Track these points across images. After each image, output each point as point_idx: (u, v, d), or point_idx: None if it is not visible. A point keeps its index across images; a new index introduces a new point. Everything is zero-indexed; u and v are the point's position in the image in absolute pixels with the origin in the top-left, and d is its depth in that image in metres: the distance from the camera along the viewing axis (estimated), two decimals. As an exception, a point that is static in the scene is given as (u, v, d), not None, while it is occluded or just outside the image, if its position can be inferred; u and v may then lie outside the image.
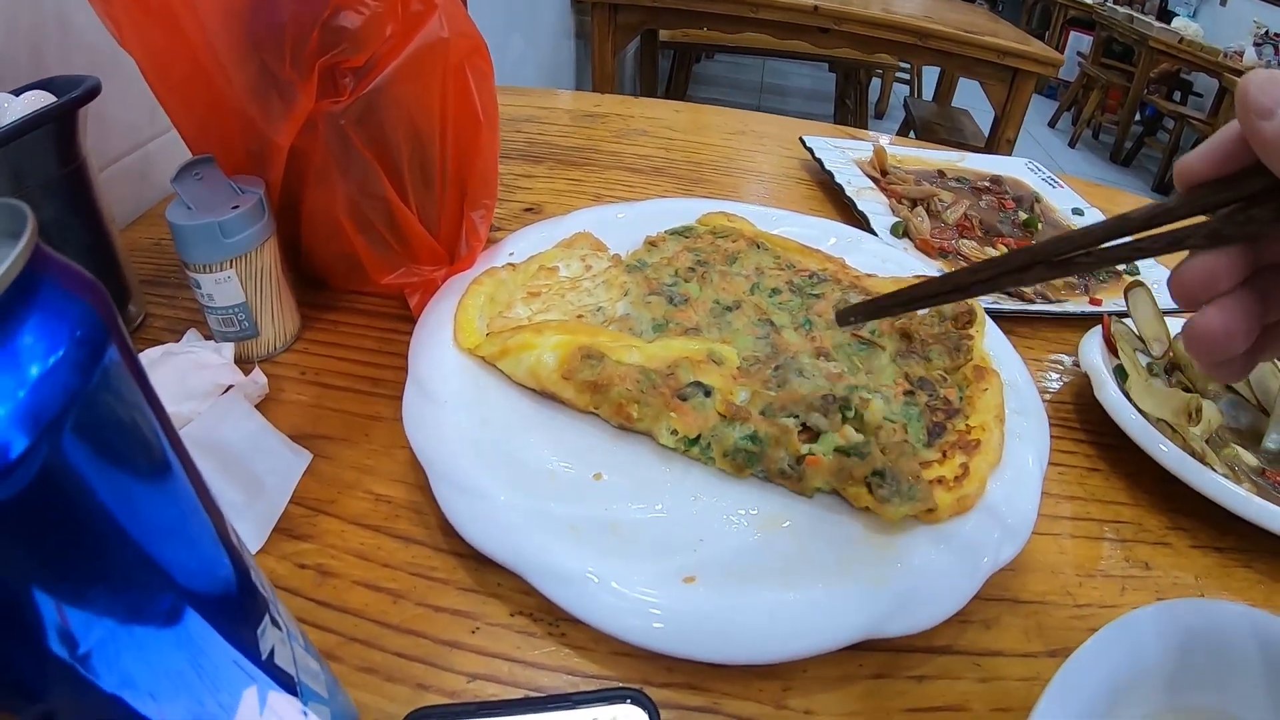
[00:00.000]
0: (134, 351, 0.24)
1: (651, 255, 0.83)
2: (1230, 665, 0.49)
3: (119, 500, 0.23)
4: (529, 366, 0.65)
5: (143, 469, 0.25)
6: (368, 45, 0.62)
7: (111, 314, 0.23)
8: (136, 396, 0.24)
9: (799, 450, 0.60)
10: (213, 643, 0.28)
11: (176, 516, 0.27)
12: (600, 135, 1.31)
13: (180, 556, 0.27)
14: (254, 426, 0.62)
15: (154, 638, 0.26)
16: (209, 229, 0.64)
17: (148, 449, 0.25)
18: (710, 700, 0.51)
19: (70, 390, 0.20)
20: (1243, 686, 0.48)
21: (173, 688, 0.27)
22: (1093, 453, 0.75)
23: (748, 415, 0.61)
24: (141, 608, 0.25)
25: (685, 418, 0.62)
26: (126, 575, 0.24)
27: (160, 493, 0.26)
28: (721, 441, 0.61)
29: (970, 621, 0.57)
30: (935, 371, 0.71)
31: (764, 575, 0.54)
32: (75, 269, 0.22)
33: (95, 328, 0.22)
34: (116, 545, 0.23)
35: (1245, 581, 0.65)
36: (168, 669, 0.26)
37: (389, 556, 0.57)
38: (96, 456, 0.22)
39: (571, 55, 3.32)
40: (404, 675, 0.50)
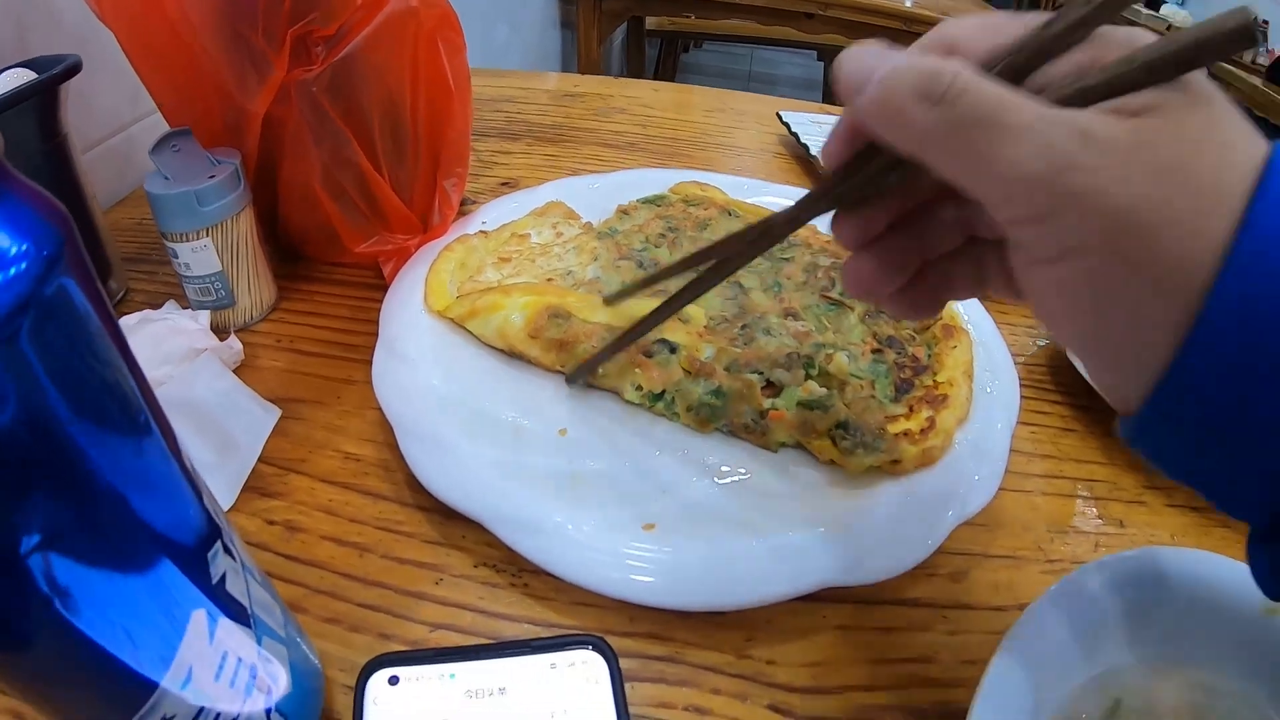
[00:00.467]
0: (97, 283, 0.25)
1: (623, 223, 0.83)
2: (1189, 611, 0.49)
3: (73, 417, 0.24)
4: (497, 326, 0.66)
5: (99, 391, 0.25)
6: (339, 14, 0.63)
7: (72, 233, 0.23)
8: (92, 318, 0.25)
9: (762, 405, 0.60)
10: (161, 563, 0.29)
11: (132, 439, 0.27)
12: (578, 113, 1.31)
13: (134, 477, 0.27)
14: (226, 385, 0.63)
15: (107, 557, 0.27)
16: (185, 198, 0.65)
17: (105, 373, 0.26)
18: (672, 649, 0.51)
19: (25, 297, 0.21)
20: (1204, 634, 0.48)
21: (123, 609, 0.28)
22: (1067, 413, 0.75)
23: (712, 371, 0.62)
24: (92, 524, 0.26)
25: (650, 373, 0.62)
26: (76, 490, 0.25)
27: (116, 415, 0.26)
28: (685, 397, 0.62)
29: (938, 574, 0.58)
30: (904, 331, 0.71)
31: (725, 524, 0.55)
32: (39, 190, 0.23)
33: (53, 244, 0.22)
34: (71, 462, 0.24)
35: (1222, 540, 0.65)
36: (117, 590, 0.27)
37: (357, 512, 0.58)
38: (52, 370, 0.22)
39: (558, 44, 3.32)
40: (368, 625, 0.51)
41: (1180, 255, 0.28)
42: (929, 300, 0.43)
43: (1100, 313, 0.31)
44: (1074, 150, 0.29)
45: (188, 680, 0.31)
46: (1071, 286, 0.31)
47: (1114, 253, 0.29)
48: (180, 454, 0.31)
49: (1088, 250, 0.30)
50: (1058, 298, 0.32)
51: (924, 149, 0.32)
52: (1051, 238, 0.30)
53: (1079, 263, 0.30)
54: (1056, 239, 0.30)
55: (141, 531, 0.28)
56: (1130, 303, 0.30)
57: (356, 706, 0.40)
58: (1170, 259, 0.28)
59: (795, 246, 0.80)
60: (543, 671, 0.42)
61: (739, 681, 0.50)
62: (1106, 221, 0.29)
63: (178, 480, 0.30)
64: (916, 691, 0.51)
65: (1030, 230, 0.31)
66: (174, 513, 0.30)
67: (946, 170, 0.32)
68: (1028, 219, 0.31)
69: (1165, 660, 0.48)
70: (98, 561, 0.26)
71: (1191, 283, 0.28)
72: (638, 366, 0.62)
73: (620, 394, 0.64)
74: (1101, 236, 0.29)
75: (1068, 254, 0.30)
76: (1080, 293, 0.31)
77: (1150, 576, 0.49)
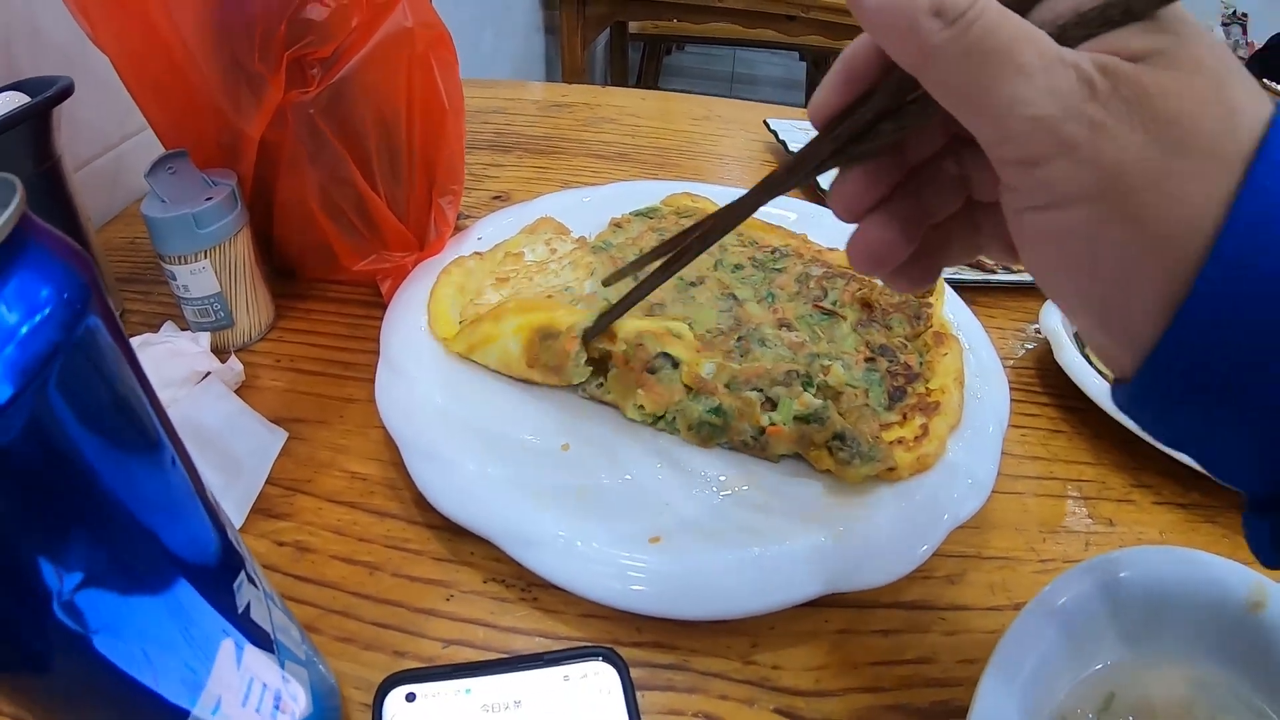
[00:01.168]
0: (117, 319, 0.26)
1: (616, 236, 0.84)
2: (1177, 608, 0.50)
3: (102, 456, 0.24)
4: (498, 357, 0.67)
5: (125, 428, 0.26)
6: (334, 36, 0.64)
7: (94, 279, 0.24)
8: (117, 355, 0.25)
9: (761, 422, 0.62)
10: (190, 595, 0.30)
11: (158, 474, 0.28)
12: (567, 124, 1.32)
13: (161, 512, 0.28)
14: (231, 408, 0.63)
15: (138, 591, 0.27)
16: (183, 220, 0.65)
17: (129, 408, 0.26)
18: (679, 658, 0.52)
19: (54, 345, 0.22)
20: (1193, 629, 0.50)
21: (154, 642, 0.28)
22: (1056, 415, 0.77)
23: (714, 389, 0.63)
24: (123, 559, 0.27)
25: (652, 393, 0.63)
26: (108, 528, 0.26)
27: (142, 451, 0.27)
28: (686, 416, 0.63)
29: (934, 577, 0.59)
30: (896, 339, 0.72)
31: (729, 535, 0.56)
32: (60, 236, 0.24)
33: (78, 290, 0.23)
34: (101, 501, 0.25)
35: (1210, 536, 0.66)
36: (149, 623, 0.28)
37: (365, 531, 0.58)
38: (81, 412, 0.23)
39: (542, 49, 3.32)
40: (381, 643, 0.51)
41: (1178, 216, 0.28)
42: (927, 268, 0.42)
43: (1092, 268, 0.30)
44: (1079, 99, 0.28)
45: (217, 708, 0.32)
46: (1061, 237, 0.30)
47: (1108, 206, 0.29)
48: (203, 488, 0.32)
49: (1080, 200, 0.29)
50: (1048, 247, 0.32)
51: (926, 69, 0.31)
52: (1044, 184, 0.30)
53: (1071, 212, 0.30)
54: (1049, 186, 0.30)
55: (170, 565, 0.29)
56: (1123, 260, 0.29)
57: (375, 724, 0.41)
58: (1167, 218, 0.28)
59: (786, 257, 0.81)
60: (556, 684, 0.43)
61: (745, 687, 0.51)
62: (1102, 175, 0.28)
63: (201, 514, 0.31)
64: (917, 692, 0.52)
65: (1024, 174, 0.30)
66: (200, 545, 0.31)
67: (945, 97, 0.31)
68: (1022, 160, 0.30)
69: (1157, 656, 0.49)
70: (129, 596, 0.27)
71: (1188, 244, 0.28)
72: (640, 386, 0.63)
73: (622, 411, 0.65)
74: (1096, 188, 0.29)
75: (1060, 201, 0.30)
76: (1071, 245, 0.30)
77: (1138, 576, 0.50)
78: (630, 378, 0.64)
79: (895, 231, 0.39)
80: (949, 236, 0.41)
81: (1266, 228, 0.27)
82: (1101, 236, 0.29)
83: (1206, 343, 0.29)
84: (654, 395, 0.63)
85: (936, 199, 0.39)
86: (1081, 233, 0.30)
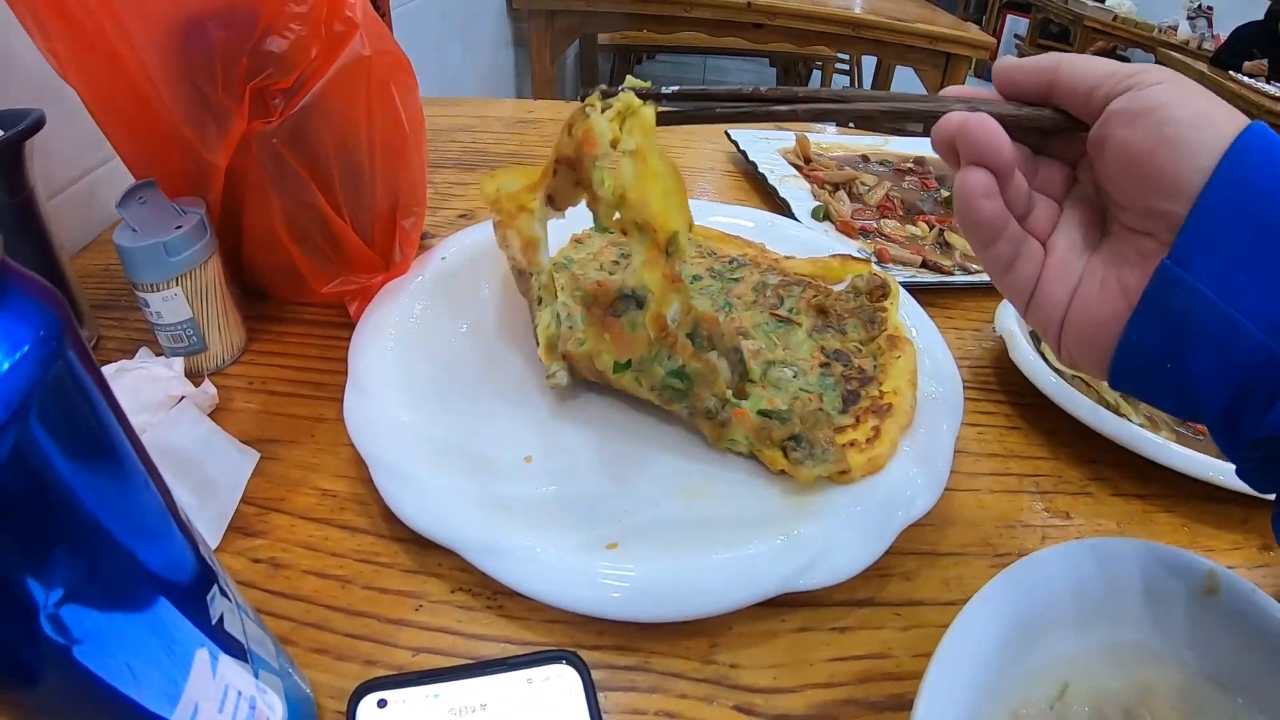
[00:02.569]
0: (91, 354, 0.28)
1: (578, 252, 0.86)
2: (1129, 596, 0.51)
3: (80, 479, 0.26)
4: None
5: (101, 453, 0.28)
6: (295, 67, 0.66)
7: (69, 318, 0.26)
8: (91, 386, 0.27)
9: (724, 392, 0.64)
10: (165, 607, 0.32)
11: (132, 494, 0.30)
12: (532, 140, 1.33)
13: (136, 529, 0.30)
14: (204, 430, 0.65)
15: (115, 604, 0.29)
16: (154, 249, 0.67)
17: (104, 435, 0.28)
18: (640, 659, 0.54)
19: (34, 380, 0.24)
20: (1147, 617, 0.51)
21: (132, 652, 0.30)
22: (1012, 412, 0.79)
23: (675, 340, 0.63)
24: (102, 575, 0.28)
25: (619, 340, 0.65)
26: (86, 545, 0.27)
27: (117, 473, 0.29)
28: (650, 376, 0.64)
29: (891, 575, 0.61)
30: (851, 343, 0.74)
31: (685, 539, 0.58)
32: (36, 278, 0.26)
33: (54, 328, 0.25)
34: (80, 520, 0.27)
35: (1168, 526, 0.68)
36: (126, 635, 0.30)
37: (336, 546, 0.60)
38: (60, 440, 0.25)
39: (511, 63, 3.31)
40: (353, 653, 0.53)
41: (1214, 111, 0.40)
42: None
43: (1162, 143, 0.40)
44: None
45: (194, 716, 0.34)
46: (1157, 100, 0.41)
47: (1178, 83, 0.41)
48: (175, 507, 0.34)
49: (1163, 81, 0.41)
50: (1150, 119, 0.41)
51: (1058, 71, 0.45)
52: (1142, 78, 0.42)
53: (1162, 87, 0.41)
54: (1145, 78, 0.42)
55: (146, 580, 0.31)
56: (1180, 137, 0.40)
57: (348, 730, 0.43)
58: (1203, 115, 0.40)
59: (744, 266, 0.83)
60: (520, 687, 0.45)
61: (705, 685, 0.53)
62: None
63: (174, 531, 0.33)
64: (874, 685, 0.54)
65: (1128, 80, 0.42)
66: (174, 561, 0.33)
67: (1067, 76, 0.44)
68: (1125, 75, 0.42)
69: (1111, 644, 0.51)
70: (109, 610, 0.29)
71: (1221, 129, 0.39)
72: (607, 331, 0.65)
73: (595, 362, 0.66)
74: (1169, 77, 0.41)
75: (1154, 84, 0.41)
76: (1164, 99, 0.41)
77: (1090, 566, 0.51)
78: (598, 321, 0.65)
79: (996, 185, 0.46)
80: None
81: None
82: (1183, 94, 0.41)
83: (1236, 197, 0.39)
84: (621, 342, 0.65)
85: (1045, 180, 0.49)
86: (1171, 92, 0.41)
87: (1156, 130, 0.40)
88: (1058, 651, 0.50)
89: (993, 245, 0.47)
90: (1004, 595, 0.48)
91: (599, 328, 0.65)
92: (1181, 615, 0.51)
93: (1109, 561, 0.52)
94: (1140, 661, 0.51)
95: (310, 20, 0.65)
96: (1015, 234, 0.47)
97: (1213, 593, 0.50)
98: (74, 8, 0.60)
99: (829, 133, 1.40)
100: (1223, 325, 0.39)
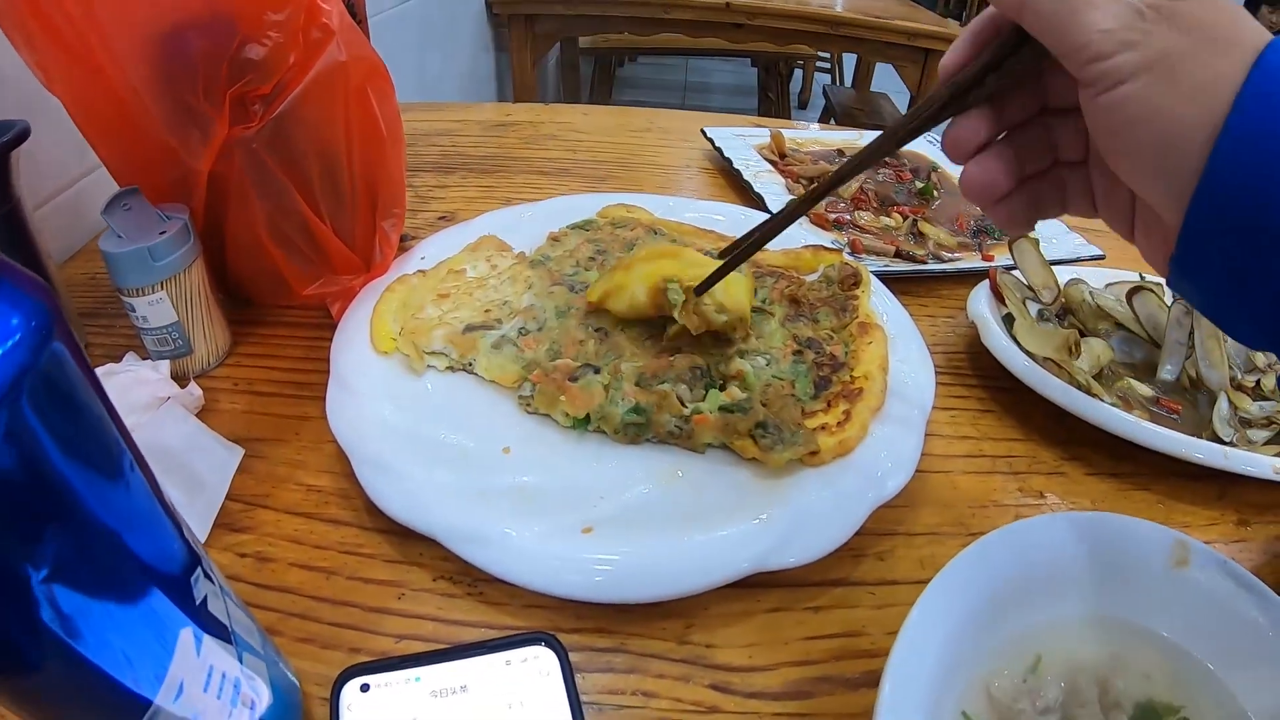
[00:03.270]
0: (78, 344, 0.29)
1: (554, 249, 0.87)
2: (1101, 568, 0.52)
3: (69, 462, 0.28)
4: (628, 304, 0.73)
5: (88, 437, 0.29)
6: (273, 73, 0.67)
7: (57, 309, 0.27)
8: (80, 376, 0.29)
9: (682, 411, 0.65)
10: (149, 588, 0.33)
11: (118, 477, 0.31)
12: (510, 143, 1.35)
13: (122, 511, 0.31)
14: (190, 428, 0.66)
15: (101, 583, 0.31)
16: (139, 254, 0.68)
17: (92, 420, 0.30)
18: (617, 641, 0.55)
19: (24, 367, 0.25)
20: (1119, 589, 0.52)
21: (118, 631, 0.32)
22: (985, 396, 0.80)
23: (626, 391, 0.67)
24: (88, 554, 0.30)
25: (574, 399, 0.67)
26: (74, 525, 0.29)
27: (104, 456, 0.31)
28: (610, 420, 0.66)
29: (865, 555, 0.62)
30: (823, 331, 0.76)
31: (660, 522, 0.59)
32: (25, 272, 0.27)
33: (43, 318, 0.26)
34: (69, 501, 0.28)
35: (1143, 503, 0.70)
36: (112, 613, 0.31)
37: (321, 539, 0.61)
38: (49, 425, 0.26)
39: (492, 68, 3.30)
40: (338, 642, 0.54)
41: (1208, 77, 0.38)
42: (1024, 216, 0.51)
43: (1149, 123, 0.40)
44: (1133, 18, 0.39)
45: (180, 693, 0.35)
46: (1126, 104, 0.40)
47: (1157, 75, 0.39)
48: (159, 490, 0.35)
49: (1138, 73, 0.39)
50: (1115, 118, 0.41)
51: (1024, 13, 0.42)
52: (1113, 70, 0.40)
53: (1132, 84, 0.39)
54: (1117, 70, 0.40)
55: (132, 561, 0.32)
56: (1170, 113, 0.39)
57: (333, 713, 0.44)
58: (1201, 79, 0.39)
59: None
60: (499, 668, 0.46)
61: (681, 665, 0.54)
62: (1151, 56, 0.39)
63: (159, 514, 0.35)
64: (848, 663, 0.55)
65: (1099, 67, 0.40)
66: (158, 543, 0.34)
67: (1040, 31, 0.42)
68: (1095, 58, 0.40)
69: (1082, 616, 0.52)
70: (96, 591, 0.30)
71: (1218, 97, 0.38)
72: (563, 394, 0.67)
73: (555, 418, 0.68)
74: (1148, 64, 0.39)
75: (1125, 78, 0.40)
76: (1133, 109, 0.40)
77: (1060, 539, 0.52)
78: (553, 389, 0.67)
79: (996, 171, 0.49)
80: (1040, 194, 0.51)
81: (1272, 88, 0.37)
82: (1154, 97, 0.39)
83: (1235, 180, 0.38)
84: (575, 401, 0.66)
85: (1029, 153, 0.49)
86: (1140, 96, 0.40)
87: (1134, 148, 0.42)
88: (1030, 623, 0.51)
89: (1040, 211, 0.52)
90: (974, 567, 0.49)
91: (555, 390, 0.67)
92: (1153, 586, 0.52)
93: (1079, 534, 0.52)
94: (1113, 633, 0.52)
95: (287, 28, 0.66)
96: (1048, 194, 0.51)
97: (1183, 564, 0.51)
98: (58, 21, 0.62)
99: (812, 129, 1.42)
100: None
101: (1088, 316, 0.87)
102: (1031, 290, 0.87)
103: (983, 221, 1.09)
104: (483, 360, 0.72)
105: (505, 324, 0.75)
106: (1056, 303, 0.87)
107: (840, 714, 0.53)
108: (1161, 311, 0.84)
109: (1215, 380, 0.78)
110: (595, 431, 0.67)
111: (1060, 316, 0.88)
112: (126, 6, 0.63)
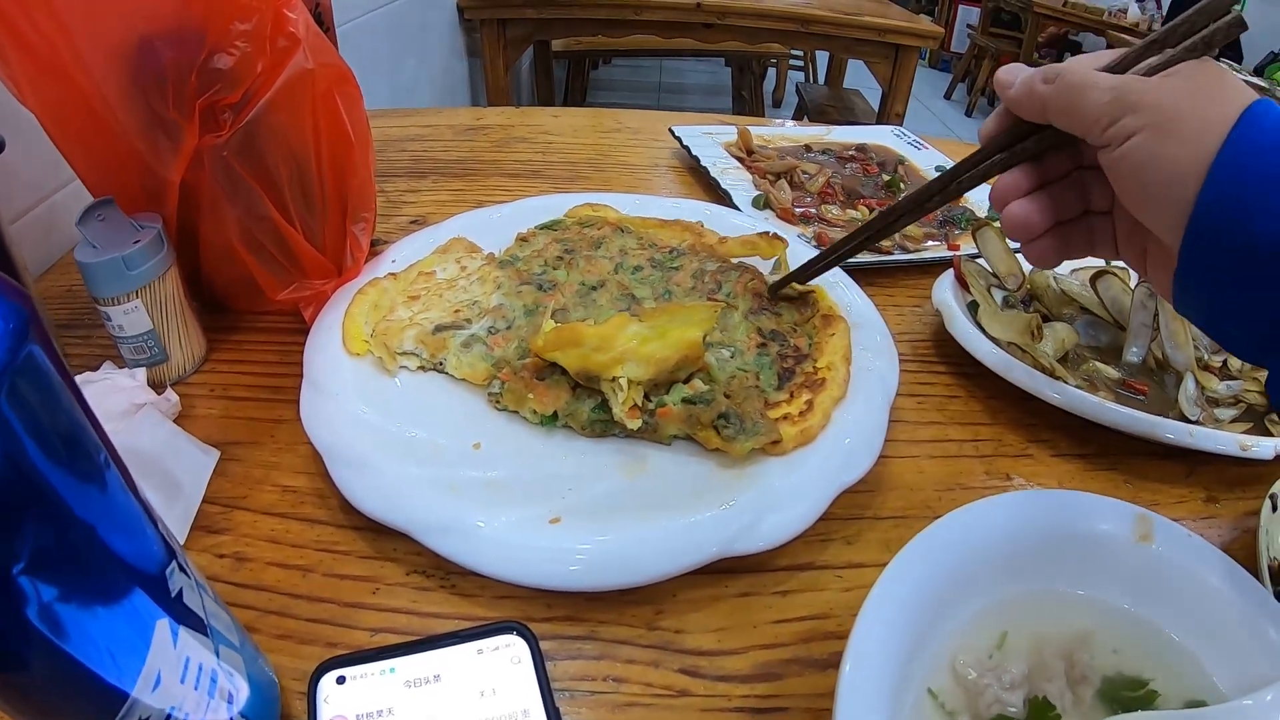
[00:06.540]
0: (54, 345, 0.30)
1: (523, 250, 0.88)
2: (1064, 544, 0.54)
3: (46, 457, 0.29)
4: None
5: (64, 434, 0.30)
6: (241, 82, 0.68)
7: (33, 311, 0.28)
8: (56, 377, 0.30)
9: (646, 406, 0.66)
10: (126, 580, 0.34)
11: (94, 472, 0.32)
12: (482, 147, 1.36)
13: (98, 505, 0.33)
14: (166, 432, 0.67)
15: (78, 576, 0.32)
16: (114, 264, 0.69)
17: (68, 418, 0.31)
18: (588, 629, 0.57)
19: (3, 365, 0.26)
20: (1083, 563, 0.54)
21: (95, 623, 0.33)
22: (951, 382, 0.82)
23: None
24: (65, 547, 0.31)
25: (542, 397, 0.68)
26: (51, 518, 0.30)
27: (80, 452, 0.31)
28: (576, 417, 0.67)
29: (832, 539, 0.64)
30: (786, 324, 0.77)
31: (626, 512, 0.61)
32: (3, 278, 0.28)
33: (19, 320, 0.27)
34: (47, 495, 0.29)
35: (1109, 483, 0.71)
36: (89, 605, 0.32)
37: (297, 537, 0.63)
38: (27, 422, 0.27)
39: (465, 74, 3.28)
40: (315, 637, 0.56)
41: (1198, 126, 0.46)
42: (1053, 254, 0.59)
43: (1154, 170, 0.48)
44: (1128, 89, 0.49)
45: (157, 684, 0.36)
46: (1134, 155, 0.48)
47: (1156, 130, 0.47)
48: (135, 486, 0.36)
49: (1141, 129, 0.48)
50: (1127, 169, 0.49)
51: (1046, 108, 0.53)
52: (1120, 131, 0.49)
53: (1137, 139, 0.48)
54: (1122, 130, 0.49)
55: (109, 555, 0.33)
56: (1168, 155, 0.47)
57: (310, 706, 0.45)
58: (1192, 127, 0.46)
59: (683, 255, 0.86)
60: (471, 657, 0.47)
61: (651, 651, 0.56)
62: (1149, 114, 0.48)
63: (134, 508, 0.36)
64: (816, 645, 0.57)
65: (1108, 133, 0.49)
66: (134, 537, 0.35)
67: (1058, 118, 0.53)
68: (1105, 124, 0.49)
69: (1047, 591, 0.53)
70: (73, 583, 0.31)
71: (1205, 144, 0.46)
72: (531, 392, 0.68)
73: (524, 415, 0.69)
74: (1148, 122, 0.48)
75: (1130, 134, 0.48)
76: (1140, 157, 0.48)
77: (1022, 516, 0.54)
78: (521, 387, 0.68)
79: (1034, 213, 0.57)
80: (1070, 236, 0.59)
81: (1255, 137, 0.45)
82: (1154, 145, 0.48)
83: (1221, 208, 0.45)
84: (543, 398, 0.68)
85: (1063, 202, 0.58)
86: (1145, 148, 0.48)
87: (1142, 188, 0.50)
88: (995, 600, 0.52)
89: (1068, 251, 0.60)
90: (934, 546, 0.51)
91: (523, 388, 0.68)
92: (1117, 562, 0.53)
93: (1041, 511, 0.54)
94: (1078, 608, 0.53)
95: (254, 37, 0.67)
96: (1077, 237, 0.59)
97: (1146, 538, 0.53)
98: (30, 35, 0.62)
99: (779, 125, 1.43)
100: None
101: (1053, 302, 0.89)
102: (996, 277, 0.88)
103: (949, 212, 1.11)
104: (453, 359, 0.73)
105: (475, 323, 0.76)
106: (1021, 289, 0.88)
107: (809, 694, 0.54)
108: (1125, 295, 0.86)
109: (1181, 361, 0.79)
110: (563, 427, 0.69)
111: (1025, 303, 0.89)
112: (96, 19, 0.64)
